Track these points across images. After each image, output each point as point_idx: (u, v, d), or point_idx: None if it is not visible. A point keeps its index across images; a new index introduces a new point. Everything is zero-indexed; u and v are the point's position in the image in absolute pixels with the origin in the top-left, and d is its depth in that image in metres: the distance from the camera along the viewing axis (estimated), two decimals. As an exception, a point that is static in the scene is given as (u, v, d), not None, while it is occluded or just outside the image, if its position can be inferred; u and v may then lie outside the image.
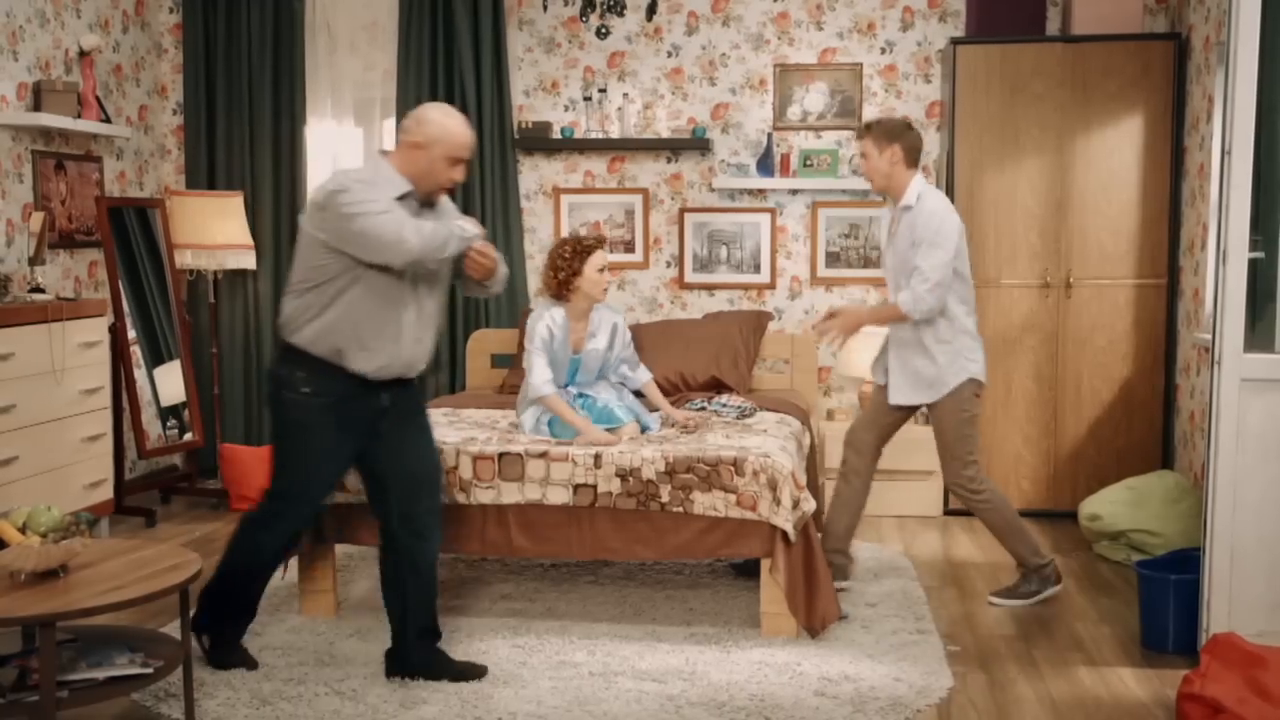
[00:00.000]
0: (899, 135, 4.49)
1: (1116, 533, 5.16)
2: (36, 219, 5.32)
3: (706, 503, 4.11)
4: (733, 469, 4.09)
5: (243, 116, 6.55)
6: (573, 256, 4.53)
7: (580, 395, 4.59)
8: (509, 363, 6.17)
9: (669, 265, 6.54)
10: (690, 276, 6.52)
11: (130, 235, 6.07)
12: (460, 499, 4.21)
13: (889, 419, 4.70)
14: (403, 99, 6.39)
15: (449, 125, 3.58)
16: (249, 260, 6.39)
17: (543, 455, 4.19)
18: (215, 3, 6.53)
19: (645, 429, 4.58)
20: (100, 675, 3.21)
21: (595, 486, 4.16)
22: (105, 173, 6.18)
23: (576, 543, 4.23)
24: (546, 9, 6.20)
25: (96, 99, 5.89)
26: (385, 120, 6.63)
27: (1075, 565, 5.11)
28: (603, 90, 6.42)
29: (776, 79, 6.38)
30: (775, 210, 6.43)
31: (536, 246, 6.54)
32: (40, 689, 3.03)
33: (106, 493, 5.44)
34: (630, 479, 4.14)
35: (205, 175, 6.62)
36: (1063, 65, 5.78)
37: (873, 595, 4.62)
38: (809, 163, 6.32)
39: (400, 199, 3.54)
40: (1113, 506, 5.19)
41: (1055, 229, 5.84)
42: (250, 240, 6.38)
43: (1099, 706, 3.63)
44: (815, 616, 4.12)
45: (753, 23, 6.40)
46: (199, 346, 6.54)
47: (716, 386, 5.66)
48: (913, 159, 4.52)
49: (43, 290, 5.27)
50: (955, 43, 5.88)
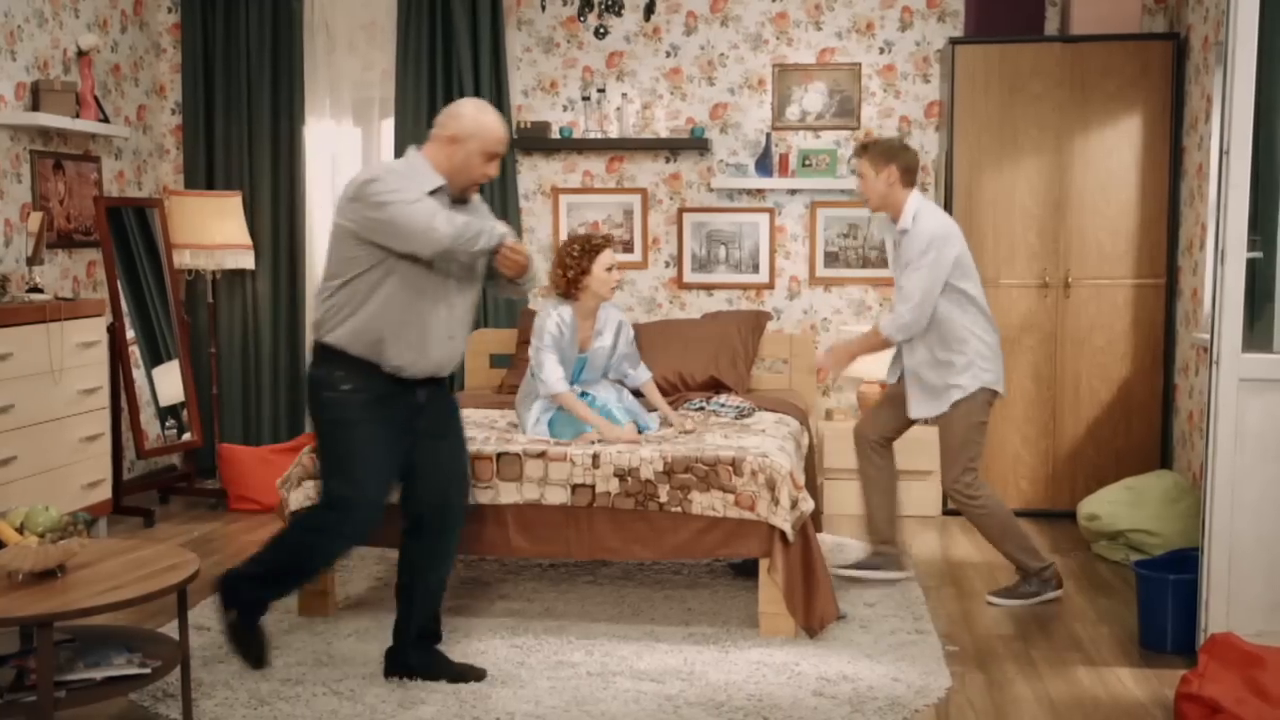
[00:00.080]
0: (895, 155, 4.52)
1: (1115, 533, 5.16)
2: (35, 219, 5.32)
3: (705, 503, 4.11)
4: (731, 469, 4.09)
5: (241, 116, 6.55)
6: (581, 255, 4.54)
7: (582, 394, 4.59)
8: (508, 363, 6.17)
9: (668, 265, 6.54)
10: (689, 276, 6.52)
11: (129, 235, 6.06)
12: (459, 499, 4.21)
13: (901, 422, 4.77)
14: (401, 99, 6.39)
15: (485, 120, 3.58)
16: (247, 260, 6.39)
17: (541, 455, 4.19)
18: (214, 2, 6.53)
19: (642, 430, 4.57)
20: (98, 675, 3.21)
21: (593, 486, 4.16)
22: (104, 172, 6.18)
23: (575, 543, 4.23)
24: (545, 9, 6.20)
25: (95, 99, 5.89)
26: (384, 120, 6.63)
27: (1074, 565, 5.12)
28: (601, 90, 6.42)
29: (775, 79, 6.38)
30: (774, 210, 6.43)
31: (535, 247, 6.53)
32: (38, 689, 3.03)
33: (105, 493, 5.44)
34: (628, 479, 4.14)
35: (204, 175, 6.62)
36: (1061, 65, 5.78)
37: (871, 595, 4.62)
38: (807, 163, 6.32)
39: (433, 193, 3.53)
40: (1111, 506, 5.19)
41: (1054, 229, 5.84)
42: (249, 240, 6.39)
43: (1097, 706, 3.63)
44: (813, 616, 4.12)
45: (751, 23, 6.39)
46: (197, 346, 6.54)
47: (715, 386, 5.66)
48: (909, 178, 4.55)
49: (41, 290, 5.27)
50: (954, 42, 5.88)
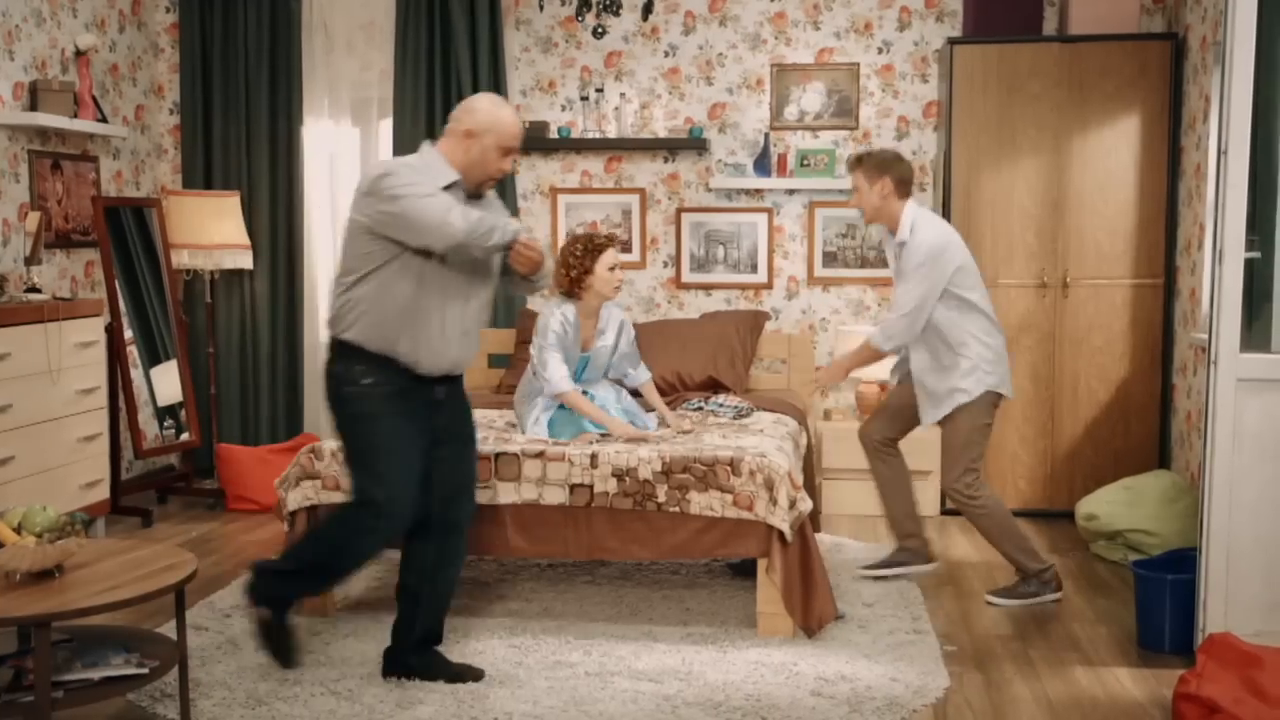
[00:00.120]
0: (889, 167, 4.54)
1: (1113, 532, 5.16)
2: (33, 219, 5.32)
3: (703, 503, 4.11)
4: (729, 469, 4.09)
5: (239, 116, 6.55)
6: (584, 255, 4.54)
7: (583, 393, 4.58)
8: (506, 363, 6.17)
9: (666, 265, 6.54)
10: (687, 276, 6.52)
11: (127, 235, 6.06)
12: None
13: (903, 423, 4.79)
14: (400, 99, 6.39)
15: (500, 115, 3.59)
16: (246, 260, 6.39)
17: (539, 455, 4.19)
18: (212, 2, 6.53)
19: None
20: (96, 675, 3.21)
21: (592, 486, 4.16)
22: (102, 172, 6.18)
23: (573, 543, 4.23)
24: (543, 9, 6.20)
25: (93, 98, 5.88)
26: (382, 120, 6.63)
27: (1072, 565, 5.12)
28: (600, 90, 6.42)
29: (773, 79, 6.38)
30: (772, 210, 6.43)
31: (535, 246, 6.53)
32: (35, 689, 3.03)
33: (103, 493, 5.43)
34: (627, 479, 4.14)
35: (202, 175, 6.61)
36: (1059, 65, 5.78)
37: (869, 595, 4.62)
38: (806, 163, 6.32)
39: (448, 188, 3.52)
40: (1109, 506, 5.19)
41: (1052, 229, 5.84)
42: (247, 240, 6.38)
43: (1095, 706, 3.63)
44: (812, 616, 4.12)
45: (750, 22, 6.39)
46: (195, 346, 6.54)
47: (713, 386, 5.66)
48: (904, 190, 4.56)
49: (39, 290, 5.27)
50: (952, 42, 5.88)
